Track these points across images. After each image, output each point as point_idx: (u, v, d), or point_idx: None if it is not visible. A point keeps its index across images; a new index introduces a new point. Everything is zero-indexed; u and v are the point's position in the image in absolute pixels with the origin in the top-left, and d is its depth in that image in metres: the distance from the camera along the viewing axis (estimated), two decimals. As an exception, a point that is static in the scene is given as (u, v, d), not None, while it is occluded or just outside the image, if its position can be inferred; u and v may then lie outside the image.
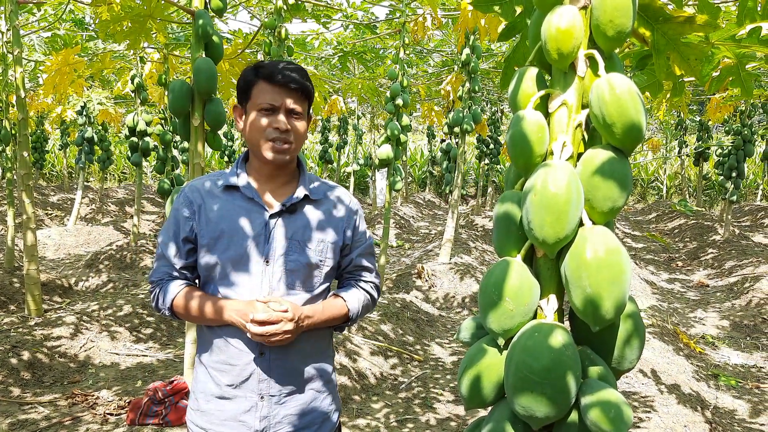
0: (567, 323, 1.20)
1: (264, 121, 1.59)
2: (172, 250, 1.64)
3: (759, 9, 1.77)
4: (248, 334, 1.53)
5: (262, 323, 1.50)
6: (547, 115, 1.15)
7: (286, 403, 1.61)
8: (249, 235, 1.59)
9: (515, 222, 1.15)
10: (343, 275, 1.80)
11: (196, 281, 1.71)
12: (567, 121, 1.12)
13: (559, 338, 1.03)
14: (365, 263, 1.79)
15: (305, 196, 1.66)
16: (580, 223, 1.08)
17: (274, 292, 1.60)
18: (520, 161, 1.13)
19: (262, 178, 1.67)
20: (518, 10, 1.48)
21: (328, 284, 1.71)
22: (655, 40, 1.48)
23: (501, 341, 1.13)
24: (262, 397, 1.59)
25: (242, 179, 1.66)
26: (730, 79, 2.06)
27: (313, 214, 1.67)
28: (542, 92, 1.15)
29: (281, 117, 1.59)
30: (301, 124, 1.63)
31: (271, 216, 1.62)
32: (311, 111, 1.72)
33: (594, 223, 1.09)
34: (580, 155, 1.14)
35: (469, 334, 1.24)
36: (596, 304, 1.02)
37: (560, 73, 1.14)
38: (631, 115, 1.04)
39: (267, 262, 1.59)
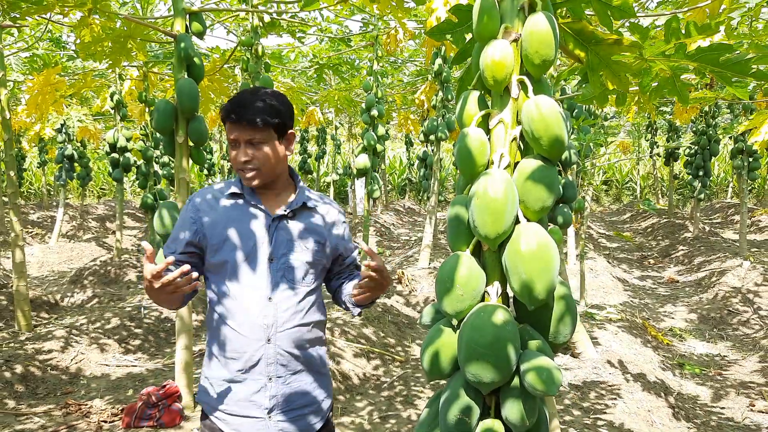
0: (512, 306, 1.41)
1: (233, 153, 1.83)
2: (172, 248, 1.86)
3: (682, 30, 2.02)
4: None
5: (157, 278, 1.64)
6: (488, 131, 1.37)
7: (291, 384, 1.83)
8: (255, 236, 1.82)
9: (464, 222, 1.36)
10: (339, 273, 2.04)
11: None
12: (504, 136, 1.34)
13: (500, 317, 1.25)
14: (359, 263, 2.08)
15: (303, 203, 1.90)
16: (517, 221, 1.30)
17: (278, 287, 1.81)
18: (466, 171, 1.35)
19: (257, 189, 1.89)
20: (468, 37, 1.70)
21: (320, 281, 1.95)
22: (590, 60, 1.71)
23: (455, 322, 1.34)
24: (270, 379, 1.80)
25: (245, 188, 1.88)
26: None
27: (310, 219, 1.91)
28: (483, 112, 1.37)
29: (241, 150, 1.80)
30: (266, 148, 1.81)
31: (274, 219, 1.84)
32: (287, 127, 1.87)
33: (529, 220, 1.31)
34: (517, 164, 1.36)
35: (430, 318, 1.46)
36: (530, 288, 1.23)
37: (497, 96, 1.36)
38: (555, 130, 1.26)
39: (271, 260, 1.82)
